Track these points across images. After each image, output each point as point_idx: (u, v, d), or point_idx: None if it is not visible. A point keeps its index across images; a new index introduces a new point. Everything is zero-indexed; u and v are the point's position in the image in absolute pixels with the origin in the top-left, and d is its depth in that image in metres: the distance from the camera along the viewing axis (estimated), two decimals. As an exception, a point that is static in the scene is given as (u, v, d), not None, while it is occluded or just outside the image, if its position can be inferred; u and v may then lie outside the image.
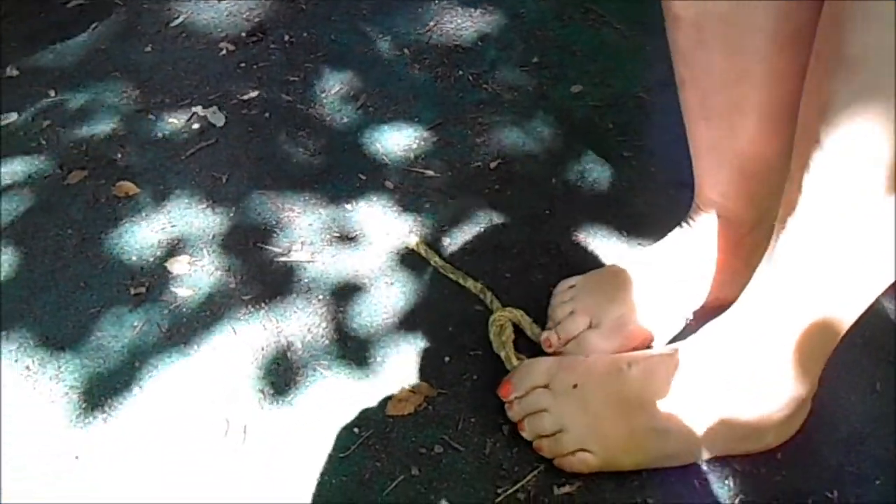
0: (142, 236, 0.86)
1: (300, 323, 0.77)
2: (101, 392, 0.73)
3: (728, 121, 0.62)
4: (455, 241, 0.84)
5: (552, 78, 1.03)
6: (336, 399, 0.71)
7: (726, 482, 0.64)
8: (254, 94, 1.03)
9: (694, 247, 0.71)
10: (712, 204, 0.69)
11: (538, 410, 0.64)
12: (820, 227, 0.52)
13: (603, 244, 0.83)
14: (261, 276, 0.81)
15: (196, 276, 0.82)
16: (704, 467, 0.64)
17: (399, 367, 0.73)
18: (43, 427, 0.70)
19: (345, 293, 0.79)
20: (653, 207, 0.87)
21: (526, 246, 0.83)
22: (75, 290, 0.81)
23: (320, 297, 0.79)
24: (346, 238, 0.85)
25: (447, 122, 0.98)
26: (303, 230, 0.85)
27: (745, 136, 0.62)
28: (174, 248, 0.84)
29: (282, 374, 0.73)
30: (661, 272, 0.72)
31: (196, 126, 0.99)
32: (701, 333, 0.63)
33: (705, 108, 0.63)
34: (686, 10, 0.59)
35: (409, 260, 0.82)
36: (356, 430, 0.69)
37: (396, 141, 0.95)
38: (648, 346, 0.71)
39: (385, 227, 0.86)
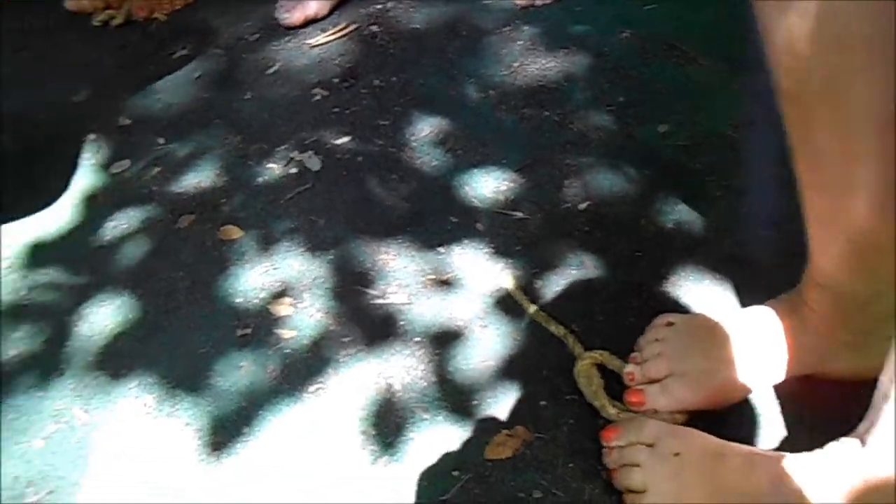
0: (246, 279, 0.90)
1: (399, 365, 0.80)
2: (212, 430, 0.77)
3: (839, 196, 0.60)
4: (546, 283, 0.86)
5: (638, 117, 1.04)
6: (435, 442, 0.73)
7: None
8: (346, 138, 1.07)
9: (800, 313, 0.69)
10: (824, 273, 0.66)
11: (633, 464, 0.65)
12: None
13: (694, 286, 0.84)
14: (359, 319, 0.84)
15: (298, 318, 0.86)
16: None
17: (496, 411, 0.75)
18: (160, 462, 0.75)
19: (441, 336, 0.82)
20: (744, 248, 0.87)
21: (617, 288, 0.84)
22: (187, 331, 0.86)
23: (417, 339, 0.82)
24: (440, 281, 0.87)
25: (535, 164, 1.00)
26: (398, 273, 0.89)
27: (857, 211, 0.60)
28: (277, 290, 0.89)
29: (382, 416, 0.76)
30: (762, 334, 0.71)
31: (294, 171, 1.03)
32: (818, 453, 0.60)
33: (816, 180, 0.62)
34: (789, 83, 0.57)
35: (502, 303, 0.84)
36: (455, 472, 0.71)
37: (486, 183, 0.98)
38: (736, 402, 0.71)
39: (477, 269, 0.88)
